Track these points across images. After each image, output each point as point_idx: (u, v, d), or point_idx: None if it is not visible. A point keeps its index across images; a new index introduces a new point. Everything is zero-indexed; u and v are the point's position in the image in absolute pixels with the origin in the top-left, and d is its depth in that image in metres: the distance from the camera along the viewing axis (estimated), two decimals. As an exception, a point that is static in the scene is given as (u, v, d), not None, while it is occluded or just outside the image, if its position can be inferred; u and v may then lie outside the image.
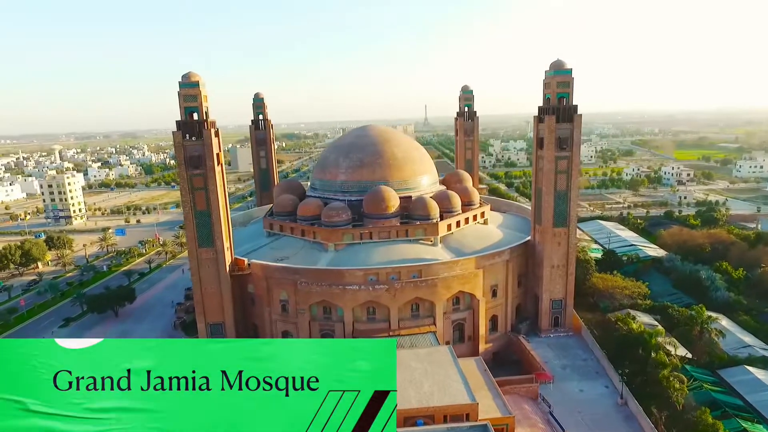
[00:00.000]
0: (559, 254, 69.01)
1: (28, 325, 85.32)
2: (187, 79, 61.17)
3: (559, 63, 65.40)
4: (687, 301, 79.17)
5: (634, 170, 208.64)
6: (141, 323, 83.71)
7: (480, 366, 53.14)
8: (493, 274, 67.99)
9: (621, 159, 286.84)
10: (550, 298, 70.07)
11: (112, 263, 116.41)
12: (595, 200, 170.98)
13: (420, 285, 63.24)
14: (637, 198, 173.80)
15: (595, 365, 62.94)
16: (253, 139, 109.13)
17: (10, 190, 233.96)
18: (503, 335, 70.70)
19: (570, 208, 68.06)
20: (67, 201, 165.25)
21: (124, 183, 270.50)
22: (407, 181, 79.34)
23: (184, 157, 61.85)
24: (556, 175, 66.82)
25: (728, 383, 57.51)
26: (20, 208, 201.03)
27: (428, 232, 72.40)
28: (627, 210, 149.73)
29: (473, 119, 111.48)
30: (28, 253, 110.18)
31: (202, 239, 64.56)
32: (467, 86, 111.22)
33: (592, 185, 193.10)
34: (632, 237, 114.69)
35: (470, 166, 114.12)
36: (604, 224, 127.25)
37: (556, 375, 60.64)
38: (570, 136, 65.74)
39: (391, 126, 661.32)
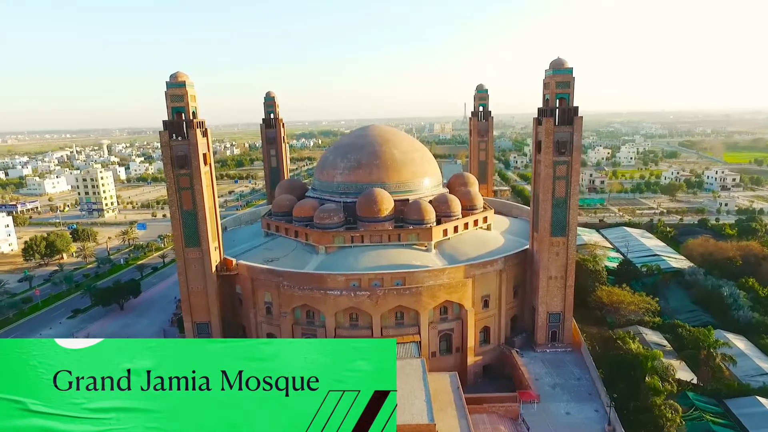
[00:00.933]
0: (557, 265, 64.97)
1: (40, 314, 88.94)
2: (174, 79, 61.23)
3: (559, 62, 61.31)
4: (705, 320, 73.19)
5: (673, 173, 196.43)
6: (142, 317, 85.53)
7: (453, 382, 50.47)
8: (485, 283, 64.78)
9: (664, 161, 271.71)
10: (547, 311, 66.14)
11: (129, 257, 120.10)
12: (627, 205, 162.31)
13: (403, 293, 60.99)
14: (673, 204, 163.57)
15: (588, 386, 58.75)
16: (263, 138, 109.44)
17: (56, 182, 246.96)
18: (495, 348, 67.39)
19: (569, 217, 63.90)
20: (100, 194, 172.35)
21: (160, 177, 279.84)
22: (405, 184, 77.06)
23: (170, 157, 62.07)
24: (554, 181, 62.80)
25: (735, 415, 52.22)
26: (62, 200, 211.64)
27: (422, 237, 69.93)
28: (659, 216, 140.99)
29: (488, 119, 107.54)
30: (52, 244, 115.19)
31: (188, 239, 64.71)
32: (482, 85, 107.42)
33: (625, 189, 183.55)
34: (657, 246, 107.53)
35: (484, 167, 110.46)
36: (629, 231, 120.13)
37: (544, 394, 57.01)
38: (570, 140, 61.53)
39: (429, 124, 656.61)
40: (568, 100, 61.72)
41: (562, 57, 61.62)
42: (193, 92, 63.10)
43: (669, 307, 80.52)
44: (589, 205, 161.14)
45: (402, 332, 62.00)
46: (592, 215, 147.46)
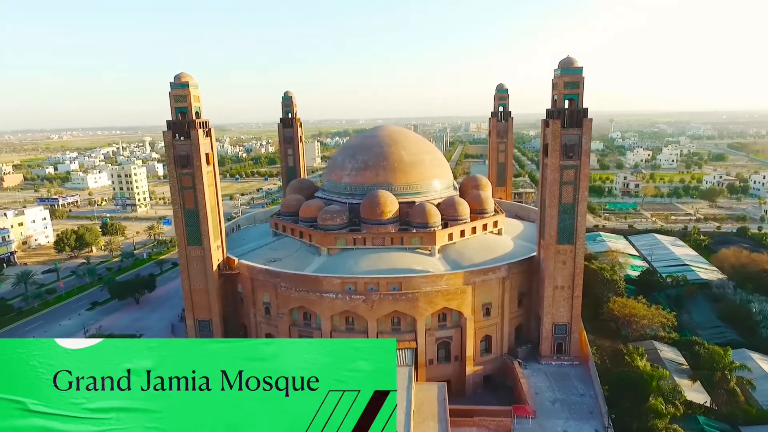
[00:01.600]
0: (563, 274, 61.92)
1: (63, 305, 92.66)
2: (178, 80, 62.05)
3: (568, 60, 58.25)
4: (730, 337, 68.36)
5: (716, 177, 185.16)
6: (155, 312, 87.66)
7: (441, 393, 48.89)
8: (486, 291, 62.52)
9: (709, 164, 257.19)
10: (553, 321, 63.19)
11: (153, 252, 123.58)
12: (662, 210, 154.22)
13: (399, 298, 59.63)
14: (713, 210, 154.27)
15: (591, 403, 55.61)
16: (280, 137, 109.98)
17: (98, 177, 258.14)
18: (498, 358, 65.00)
19: (577, 224, 60.69)
20: (133, 190, 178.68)
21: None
22: (413, 186, 75.52)
23: (173, 156, 62.98)
24: (561, 186, 59.80)
25: (749, 443, 48.20)
26: (101, 194, 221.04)
27: (425, 241, 68.30)
28: (694, 223, 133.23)
29: (507, 120, 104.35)
30: (81, 237, 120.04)
31: (190, 237, 65.57)
32: (502, 85, 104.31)
33: (661, 193, 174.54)
34: (688, 255, 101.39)
35: (503, 169, 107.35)
36: (659, 238, 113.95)
37: (542, 409, 54.38)
38: (578, 143, 58.40)
39: (465, 123, 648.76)
40: (577, 102, 58.60)
41: (571, 56, 58.53)
42: (197, 93, 63.75)
43: (692, 321, 75.70)
44: (621, 209, 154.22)
45: (398, 338, 60.17)
46: (622, 220, 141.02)
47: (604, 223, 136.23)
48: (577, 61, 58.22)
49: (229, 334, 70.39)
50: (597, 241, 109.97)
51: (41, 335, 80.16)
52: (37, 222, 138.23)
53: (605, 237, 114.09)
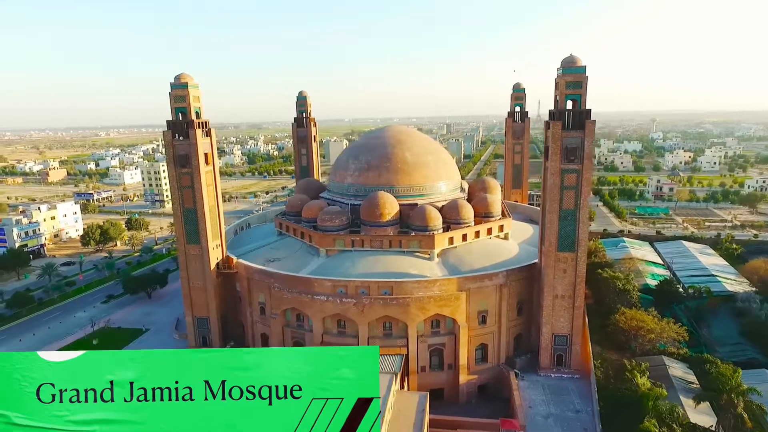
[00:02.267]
0: (564, 283, 59.15)
1: (80, 297, 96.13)
2: (178, 81, 62.82)
3: (570, 59, 55.42)
4: (750, 356, 63.75)
5: (758, 182, 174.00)
6: (164, 307, 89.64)
7: (421, 404, 47.40)
8: (481, 298, 60.49)
9: (756, 167, 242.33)
10: (552, 332, 60.50)
11: (172, 247, 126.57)
12: (696, 216, 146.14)
13: (390, 303, 58.44)
14: (753, 216, 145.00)
15: (586, 421, 52.86)
16: (294, 137, 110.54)
17: (134, 174, 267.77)
18: (494, 367, 62.82)
19: (579, 231, 57.80)
20: (161, 187, 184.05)
21: (224, 171, 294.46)
22: (416, 187, 74.10)
23: (172, 156, 63.89)
24: (562, 191, 57.06)
25: (755, 473, 44.47)
26: (135, 190, 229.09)
27: (424, 245, 66.84)
28: (730, 230, 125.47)
29: (524, 120, 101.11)
30: (106, 232, 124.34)
31: (189, 236, 66.44)
32: (519, 84, 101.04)
33: (696, 198, 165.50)
34: (716, 265, 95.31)
35: (519, 171, 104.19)
36: (687, 246, 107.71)
37: (533, 424, 52.08)
38: (580, 146, 55.53)
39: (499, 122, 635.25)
40: (579, 102, 55.72)
41: (575, 54, 55.70)
42: (197, 93, 64.39)
43: (711, 336, 71.00)
44: (651, 214, 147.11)
45: (389, 343, 59.55)
46: (651, 226, 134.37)
47: (630, 228, 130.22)
48: (581, 59, 55.34)
49: (228, 332, 71.08)
50: (619, 247, 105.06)
51: (57, 326, 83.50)
52: (69, 216, 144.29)
53: (629, 243, 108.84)
